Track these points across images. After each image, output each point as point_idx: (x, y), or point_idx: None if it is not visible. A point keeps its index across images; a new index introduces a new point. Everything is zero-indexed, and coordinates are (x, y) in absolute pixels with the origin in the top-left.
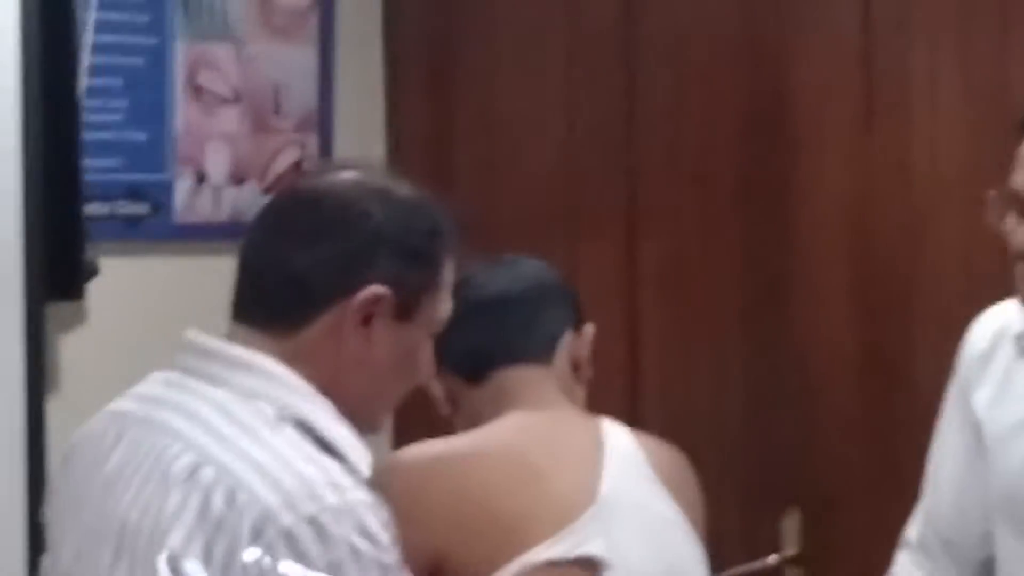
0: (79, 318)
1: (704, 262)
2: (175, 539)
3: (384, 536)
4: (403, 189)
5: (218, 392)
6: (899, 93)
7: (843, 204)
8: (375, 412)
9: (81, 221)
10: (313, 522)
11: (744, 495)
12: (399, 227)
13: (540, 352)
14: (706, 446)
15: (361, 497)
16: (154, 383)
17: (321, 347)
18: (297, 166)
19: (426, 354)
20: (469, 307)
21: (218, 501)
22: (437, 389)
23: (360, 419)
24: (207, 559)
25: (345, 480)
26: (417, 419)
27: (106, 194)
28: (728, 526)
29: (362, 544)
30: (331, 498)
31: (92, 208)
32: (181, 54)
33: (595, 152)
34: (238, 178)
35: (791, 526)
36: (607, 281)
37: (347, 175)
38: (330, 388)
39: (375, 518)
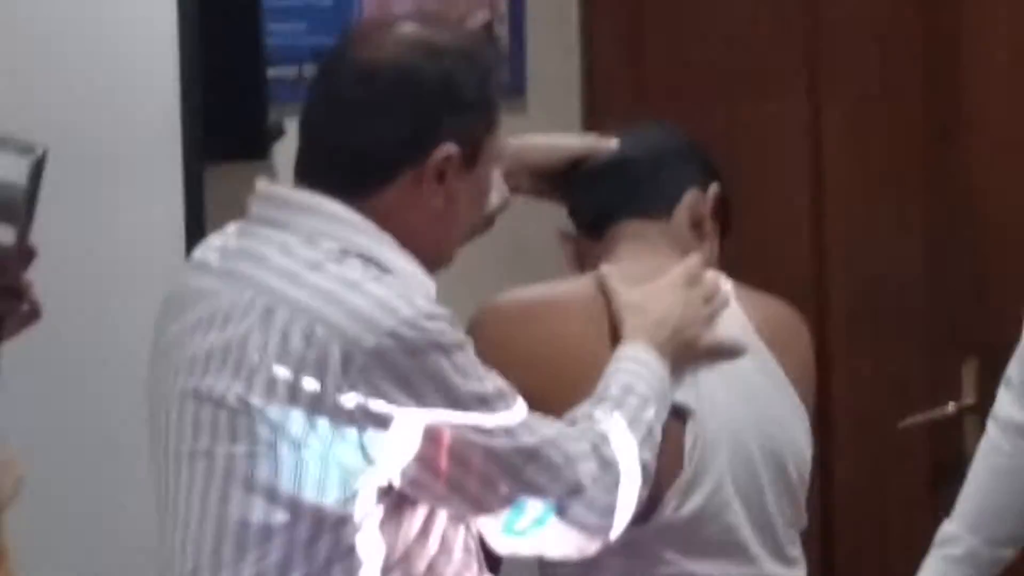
0: (268, 177)
1: (884, 113)
2: (259, 383)
3: (458, 333)
4: (446, 37)
5: (283, 235)
6: None
7: (1015, 49)
8: (451, 250)
9: (264, 83)
10: (394, 335)
11: (925, 344)
12: (454, 84)
13: (657, 208)
14: (888, 296)
15: (430, 307)
16: (229, 233)
17: (398, 209)
18: (488, 27)
19: (495, 182)
20: (594, 170)
21: (296, 340)
22: (568, 249)
23: (435, 259)
24: (292, 398)
25: (411, 292)
26: None
27: (293, 57)
28: (909, 374)
29: (445, 339)
30: (405, 310)
31: (278, 71)
32: None
33: (776, 9)
34: None
35: (969, 374)
36: (792, 138)
37: (391, 35)
38: (408, 240)
39: (445, 320)
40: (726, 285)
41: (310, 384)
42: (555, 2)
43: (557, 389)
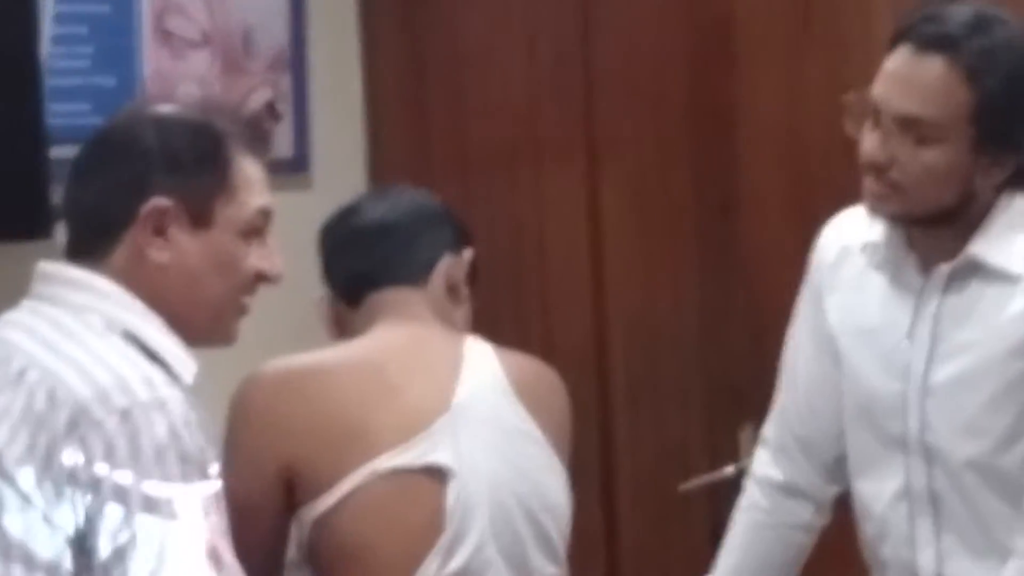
0: (49, 257)
1: (660, 184)
2: (0, 435)
3: (189, 432)
4: (184, 111)
5: (54, 309)
6: (833, 18)
7: (780, 123)
8: (215, 320)
9: (46, 162)
10: (124, 416)
11: (704, 408)
12: (169, 144)
13: (414, 275)
14: (667, 361)
15: (172, 394)
16: (15, 308)
17: (133, 266)
18: (271, 106)
19: (252, 254)
20: (349, 234)
21: (40, 399)
22: (325, 314)
23: (203, 329)
24: (29, 454)
25: (159, 378)
26: None
27: (75, 136)
28: (691, 436)
29: (166, 438)
30: (142, 394)
31: (60, 151)
32: (147, 1)
33: (555, 83)
34: None
35: (746, 438)
36: (571, 206)
37: (136, 110)
38: (157, 302)
39: (182, 415)
40: (484, 345)
41: (43, 443)
42: (338, 79)
43: (323, 456)
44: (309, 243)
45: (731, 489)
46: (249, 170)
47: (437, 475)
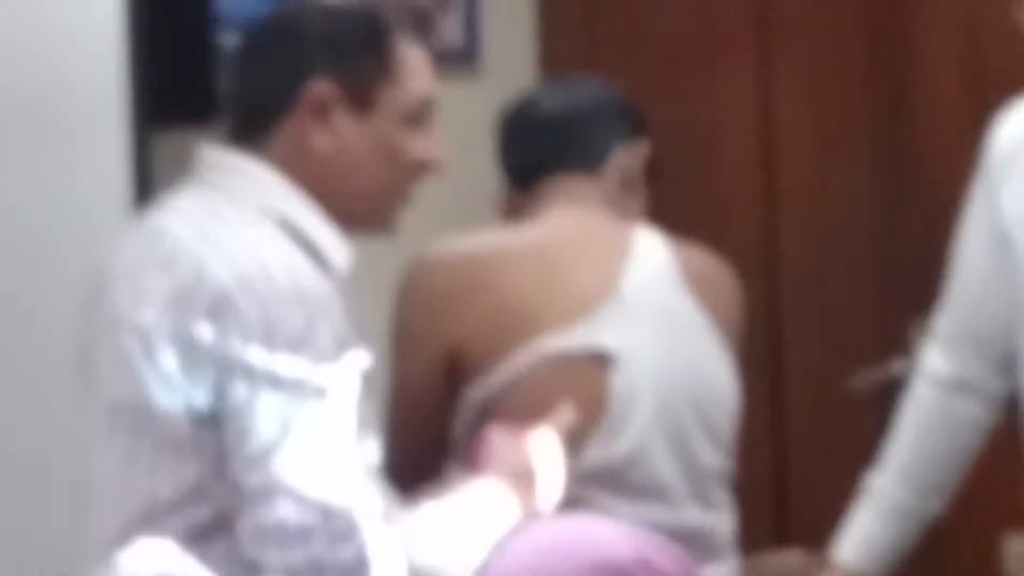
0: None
1: (833, 78)
2: (147, 316)
3: (329, 321)
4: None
5: (211, 195)
6: None
7: (957, 15)
8: (377, 208)
9: (212, 48)
10: (263, 303)
11: (875, 303)
12: (331, 29)
13: (588, 163)
14: (838, 256)
15: (315, 284)
16: (176, 192)
17: (294, 153)
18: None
19: (415, 142)
20: (526, 121)
21: (187, 283)
22: (498, 206)
23: (363, 217)
24: (175, 336)
25: (303, 268)
26: None
27: (242, 24)
28: (861, 331)
29: (302, 326)
30: (283, 282)
31: (228, 38)
32: None
33: None
34: None
35: (917, 333)
36: (743, 101)
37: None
38: (317, 190)
39: (323, 304)
40: (655, 235)
41: (186, 326)
42: None
43: (489, 337)
44: (476, 134)
45: (900, 384)
46: (413, 56)
47: (600, 359)
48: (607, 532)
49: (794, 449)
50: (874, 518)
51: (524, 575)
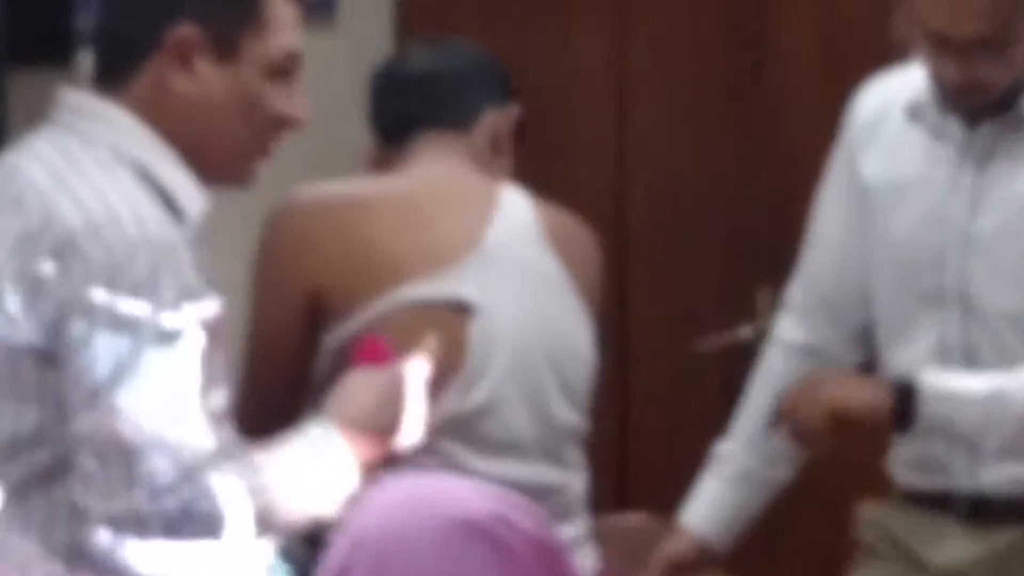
0: (71, 84)
1: (689, 40)
2: None
3: (174, 269)
4: None
5: (66, 137)
6: None
7: None
8: (234, 159)
9: None
10: (108, 250)
11: (723, 267)
12: None
13: (457, 121)
14: (688, 219)
15: (163, 232)
16: (34, 135)
17: (155, 97)
18: None
19: (277, 96)
20: (397, 78)
21: (34, 224)
22: (365, 152)
23: (220, 167)
24: (20, 277)
25: (153, 217)
26: None
27: None
28: (708, 295)
29: (146, 273)
30: (130, 229)
31: None
32: None
33: None
34: None
35: (764, 300)
36: (598, 62)
37: None
38: (176, 136)
39: (170, 253)
40: (520, 193)
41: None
42: None
43: (349, 282)
44: (333, 85)
45: (746, 350)
46: (281, 9)
47: (460, 309)
48: (464, 488)
49: (637, 411)
50: (722, 485)
51: (381, 530)
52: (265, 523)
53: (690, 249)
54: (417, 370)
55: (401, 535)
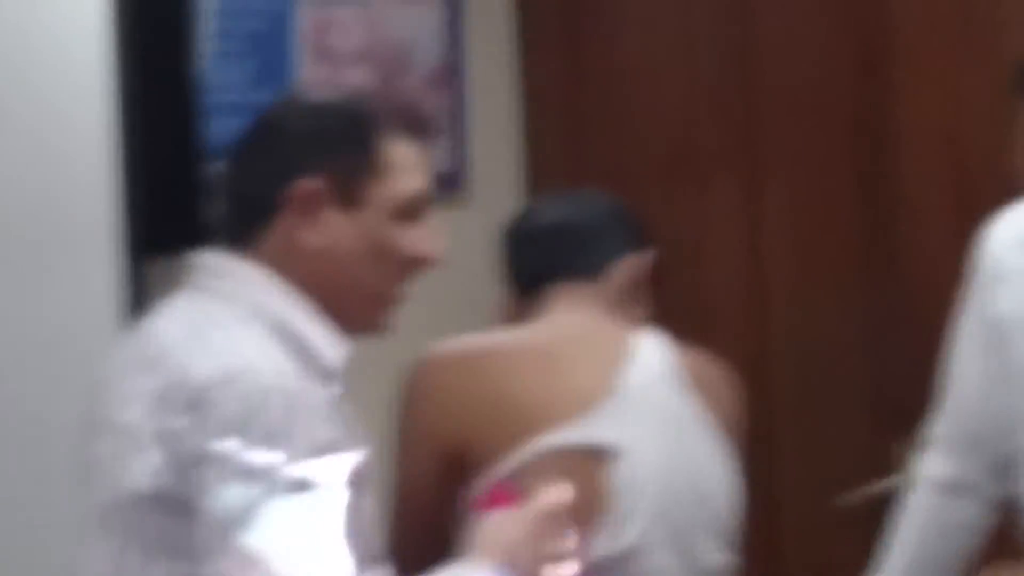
0: None
1: (821, 197)
2: (132, 416)
3: (312, 418)
4: (333, 96)
5: (202, 296)
6: (992, 27)
7: (941, 133)
8: (369, 306)
9: (201, 179)
10: (244, 397)
11: (864, 421)
12: (316, 126)
13: (590, 269)
14: (828, 374)
15: (302, 385)
16: (173, 297)
17: (286, 251)
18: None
19: (407, 237)
20: (530, 231)
21: (173, 380)
22: (500, 305)
23: (356, 315)
24: (159, 434)
25: (290, 371)
26: None
27: None
28: (849, 449)
29: (281, 420)
30: (266, 378)
31: (218, 167)
32: (305, 19)
33: (714, 96)
34: None
35: (903, 450)
36: (731, 221)
37: (287, 97)
38: (310, 288)
39: (309, 403)
40: (657, 336)
41: (168, 422)
42: (495, 94)
43: (490, 435)
44: (465, 259)
45: (890, 501)
46: (401, 150)
47: (600, 454)
48: None
49: (788, 567)
50: None
51: None
52: None
53: (831, 405)
54: (554, 508)
55: None
